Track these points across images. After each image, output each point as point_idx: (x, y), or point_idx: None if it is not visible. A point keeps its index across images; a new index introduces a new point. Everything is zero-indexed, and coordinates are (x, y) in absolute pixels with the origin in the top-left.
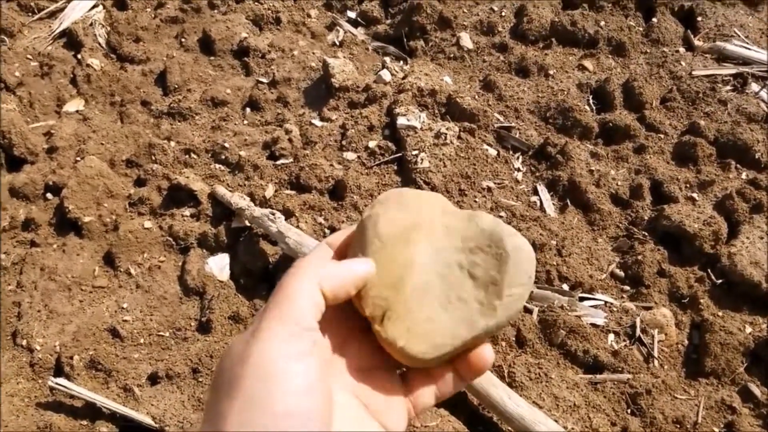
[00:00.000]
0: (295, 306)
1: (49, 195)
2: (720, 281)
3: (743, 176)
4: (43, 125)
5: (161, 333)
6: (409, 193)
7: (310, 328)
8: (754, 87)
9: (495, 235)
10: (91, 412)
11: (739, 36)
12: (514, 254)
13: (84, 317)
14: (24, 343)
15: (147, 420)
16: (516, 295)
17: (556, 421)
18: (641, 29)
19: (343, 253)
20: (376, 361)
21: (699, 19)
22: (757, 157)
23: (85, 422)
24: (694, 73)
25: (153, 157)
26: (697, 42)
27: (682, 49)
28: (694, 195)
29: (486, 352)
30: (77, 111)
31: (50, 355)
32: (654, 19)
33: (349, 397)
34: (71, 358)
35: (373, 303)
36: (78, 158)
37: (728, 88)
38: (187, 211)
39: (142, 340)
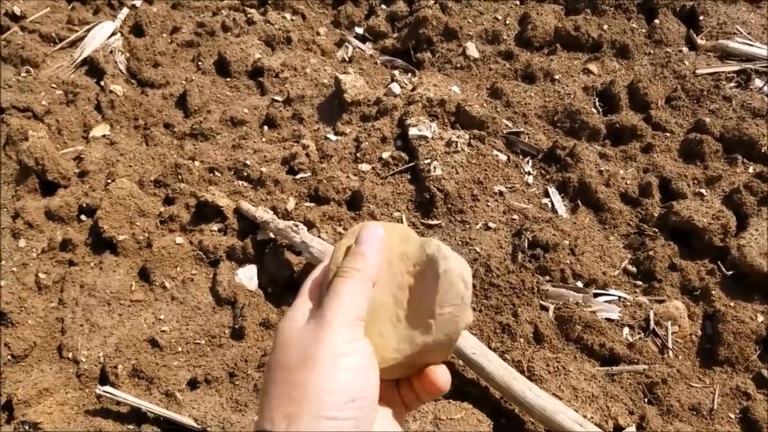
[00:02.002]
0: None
1: (83, 216)
2: (730, 273)
3: (750, 170)
4: (72, 151)
5: (198, 341)
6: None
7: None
8: (758, 83)
9: (433, 260)
10: (137, 416)
11: (741, 33)
12: (444, 276)
13: (124, 329)
14: (70, 355)
15: (189, 422)
16: (447, 314)
17: (575, 410)
18: (644, 31)
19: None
20: None
21: (701, 18)
22: (763, 151)
23: (131, 426)
24: (697, 71)
25: (179, 177)
26: (699, 41)
27: (685, 49)
28: (702, 190)
29: (438, 373)
30: (104, 136)
31: (95, 366)
32: (656, 21)
33: None
34: (115, 367)
35: None
36: (109, 180)
37: (732, 84)
38: (215, 226)
39: (180, 349)
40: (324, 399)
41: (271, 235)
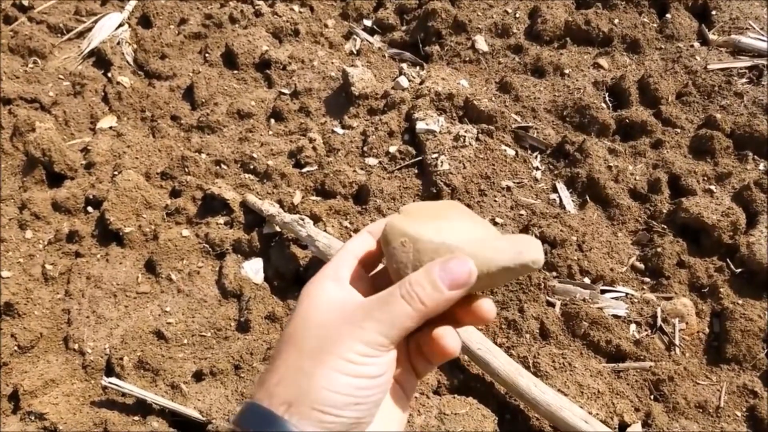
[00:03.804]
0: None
1: (89, 208)
2: (739, 270)
3: (761, 167)
4: (79, 142)
5: (203, 333)
6: (461, 206)
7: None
8: None
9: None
10: (142, 408)
11: (754, 28)
12: (523, 238)
13: (130, 321)
14: (76, 347)
15: (194, 414)
16: (493, 246)
17: (581, 407)
18: (655, 25)
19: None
20: None
21: (713, 12)
22: None
23: (137, 417)
24: (709, 66)
25: (186, 169)
26: (711, 36)
27: (696, 44)
28: (712, 187)
29: (484, 305)
30: (110, 127)
31: (101, 357)
32: (668, 15)
33: None
34: (121, 359)
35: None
36: (115, 172)
37: (744, 80)
38: (221, 219)
39: (185, 341)
40: (326, 396)
41: (278, 229)
